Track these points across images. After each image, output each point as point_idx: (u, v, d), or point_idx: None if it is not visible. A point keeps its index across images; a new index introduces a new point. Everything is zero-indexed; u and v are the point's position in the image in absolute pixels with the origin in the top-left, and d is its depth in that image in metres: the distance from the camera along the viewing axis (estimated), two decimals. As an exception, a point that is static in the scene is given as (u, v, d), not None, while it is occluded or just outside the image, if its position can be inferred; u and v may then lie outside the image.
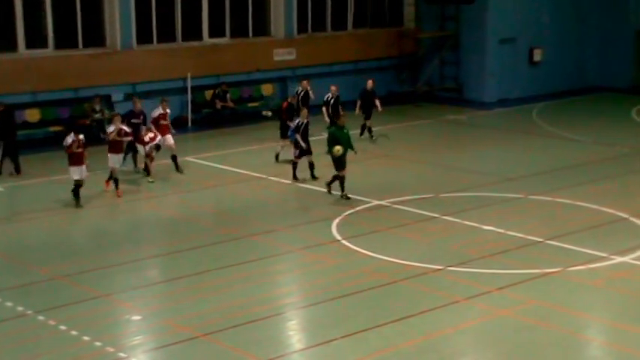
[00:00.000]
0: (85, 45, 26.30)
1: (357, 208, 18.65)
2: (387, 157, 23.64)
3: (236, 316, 13.00)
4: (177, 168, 21.50)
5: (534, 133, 26.71)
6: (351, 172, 19.85)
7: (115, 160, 19.50)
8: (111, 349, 11.99)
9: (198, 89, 28.02)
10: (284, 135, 22.35)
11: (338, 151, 18.90)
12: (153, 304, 13.74)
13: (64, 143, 18.57)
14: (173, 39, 28.12)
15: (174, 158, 21.53)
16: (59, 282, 14.56)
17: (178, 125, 24.62)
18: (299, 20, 30.65)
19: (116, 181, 19.57)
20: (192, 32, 28.47)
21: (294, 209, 18.76)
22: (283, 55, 30.17)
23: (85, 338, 12.28)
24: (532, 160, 22.94)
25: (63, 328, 12.65)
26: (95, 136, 23.43)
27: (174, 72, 27.35)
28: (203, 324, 12.77)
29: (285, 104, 23.06)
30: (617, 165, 22.47)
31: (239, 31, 29.75)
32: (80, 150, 18.48)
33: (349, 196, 19.04)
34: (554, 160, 23.04)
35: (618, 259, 15.34)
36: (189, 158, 22.90)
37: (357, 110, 24.83)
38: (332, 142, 19.14)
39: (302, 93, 24.68)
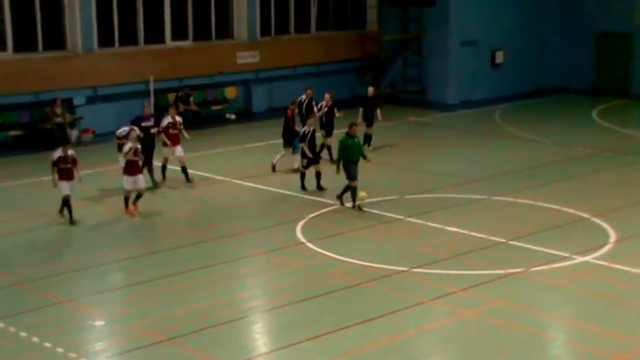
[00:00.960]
0: (45, 48, 26.06)
1: (322, 211, 18.67)
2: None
3: (201, 320, 12.95)
4: (188, 179, 20.70)
5: (497, 134, 26.94)
6: (314, 174, 19.89)
7: (130, 182, 18.15)
8: (73, 355, 11.88)
9: (161, 92, 27.89)
10: (287, 144, 21.79)
11: (364, 198, 18.35)
12: (117, 308, 13.65)
13: (52, 157, 17.63)
14: (135, 42, 27.96)
15: (183, 170, 20.69)
16: (21, 287, 14.40)
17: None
18: (262, 23, 30.63)
19: (137, 197, 18.38)
20: (154, 35, 28.34)
21: (259, 212, 18.74)
22: (246, 57, 30.13)
23: (47, 345, 12.16)
24: (495, 162, 23.14)
25: (24, 334, 12.50)
26: (57, 141, 23.19)
27: (137, 75, 27.21)
28: (167, 328, 12.70)
29: (290, 112, 22.20)
30: (578, 165, 22.75)
31: (202, 34, 29.67)
32: (69, 166, 17.52)
33: (362, 207, 18.50)
34: (516, 161, 23.25)
35: (580, 259, 15.52)
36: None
37: (360, 118, 23.64)
38: (342, 150, 18.48)
39: (306, 101, 23.29)
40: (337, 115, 23.25)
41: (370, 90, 24.33)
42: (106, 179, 21.00)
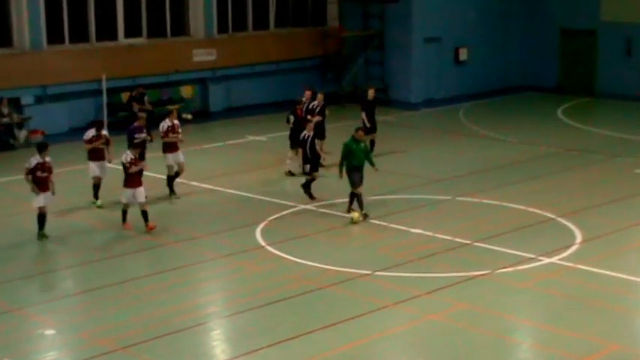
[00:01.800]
0: (-9, 45, 25.78)
1: (282, 213, 18.67)
2: (311, 160, 23.75)
3: (157, 327, 12.88)
4: (172, 190, 19.80)
5: (461, 133, 27.14)
6: (275, 175, 19.90)
7: (128, 195, 17.21)
8: (24, 366, 11.76)
9: (113, 91, 27.67)
10: (294, 145, 21.16)
11: (357, 219, 17.58)
12: (68, 316, 13.52)
13: (27, 165, 16.77)
14: (86, 39, 27.72)
15: (175, 175, 19.91)
16: (-33, 296, 14.21)
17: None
18: (219, 19, 30.55)
19: (144, 215, 17.24)
20: (106, 32, 28.12)
21: (218, 215, 18.68)
22: (203, 55, 30.03)
23: (-5, 355, 12.02)
24: (459, 161, 23.30)
25: (-29, 345, 12.35)
26: (4, 142, 22.93)
27: (88, 74, 26.96)
28: (122, 336, 12.62)
29: (299, 111, 21.78)
30: (544, 165, 22.99)
31: (156, 30, 29.51)
32: (45, 174, 16.75)
33: (368, 214, 18.04)
34: (481, 160, 23.44)
35: (546, 260, 15.69)
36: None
37: (364, 123, 22.79)
38: (346, 155, 17.95)
39: (305, 104, 22.46)
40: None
41: (370, 93, 23.43)
42: (57, 182, 20.74)
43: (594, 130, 27.78)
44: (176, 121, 20.05)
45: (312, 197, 19.36)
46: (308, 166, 19.45)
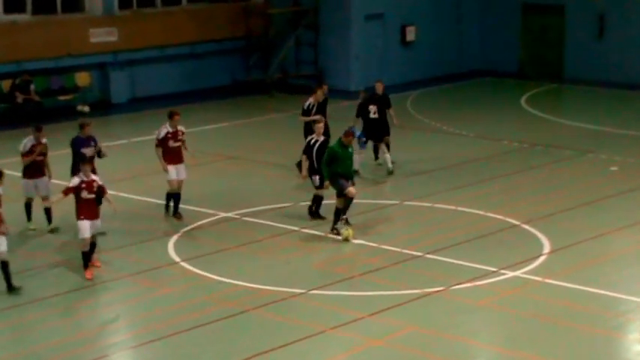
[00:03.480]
0: None
1: (199, 223, 18.61)
2: (233, 160, 23.69)
3: (50, 362, 12.78)
4: (177, 213, 18.96)
5: (409, 126, 27.32)
6: (191, 178, 19.75)
7: (87, 228, 15.81)
8: None
9: (-8, 79, 27.37)
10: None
11: (348, 235, 17.37)
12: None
13: (22, 149, 17.62)
14: (-41, 16, 27.34)
15: (176, 198, 18.98)
16: None
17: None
18: (121, -7, 30.44)
19: (93, 247, 16.09)
20: (-17, 7, 27.76)
21: (123, 226, 18.53)
22: (102, 35, 29.81)
23: None
24: (407, 160, 23.46)
25: None
26: None
27: (-38, 57, 26.64)
28: (8, 373, 12.47)
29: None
30: (506, 163, 23.28)
31: (44, 5, 29.19)
32: (40, 157, 17.64)
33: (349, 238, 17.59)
34: (432, 158, 23.64)
35: (509, 274, 15.89)
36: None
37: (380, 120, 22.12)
38: (330, 161, 17.61)
39: (315, 104, 21.71)
40: (394, 119, 22.60)
41: (379, 86, 22.73)
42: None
43: (563, 121, 28.25)
44: (180, 127, 18.87)
45: (319, 216, 18.73)
46: (317, 178, 18.57)
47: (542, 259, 16.61)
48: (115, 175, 21.97)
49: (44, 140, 18.14)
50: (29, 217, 18.41)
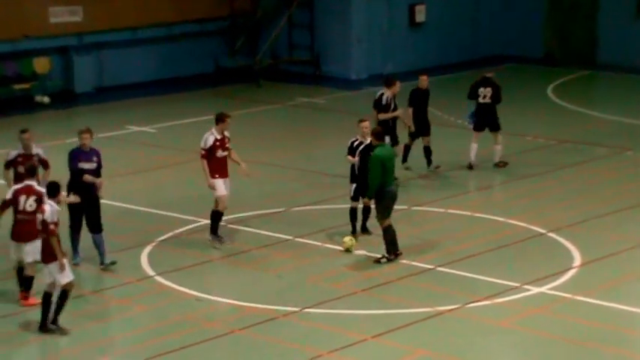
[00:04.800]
0: None
1: (176, 231, 18.60)
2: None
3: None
4: (217, 235, 18.02)
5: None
6: (164, 179, 19.83)
7: (26, 251, 15.15)
8: None
9: None
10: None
11: (350, 246, 17.31)
12: None
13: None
14: None
15: (219, 215, 18.08)
16: None
17: None
18: (86, -34, 30.43)
19: (28, 282, 15.42)
20: None
21: (89, 235, 18.49)
22: (64, 15, 29.79)
23: None
24: (415, 158, 23.44)
25: None
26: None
27: None
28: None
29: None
30: (530, 162, 23.23)
31: (-3, -19, 29.20)
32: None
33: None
34: (445, 157, 23.59)
35: (534, 290, 15.89)
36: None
37: (409, 121, 22.08)
38: (380, 170, 16.90)
39: (390, 97, 21.37)
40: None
41: (423, 80, 22.57)
42: None
43: (596, 114, 28.27)
44: (227, 133, 18.15)
45: (365, 229, 18.34)
46: (354, 187, 18.16)
47: (571, 273, 16.62)
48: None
49: (39, 151, 17.46)
50: None
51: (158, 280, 16.38)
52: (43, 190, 15.05)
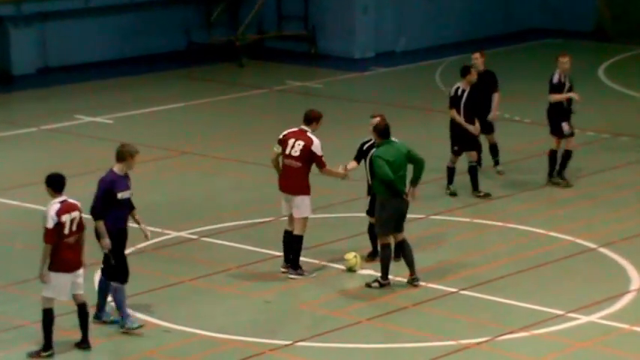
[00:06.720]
0: None
1: (139, 246, 18.59)
2: (189, 156, 23.68)
3: None
4: (297, 265, 17.78)
5: (433, 108, 27.30)
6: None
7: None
8: None
9: None
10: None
11: (353, 265, 17.53)
12: None
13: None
14: None
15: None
16: None
17: None
18: None
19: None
20: None
21: (29, 252, 18.48)
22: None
23: None
24: (436, 155, 23.45)
25: None
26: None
27: None
28: None
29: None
30: (576, 160, 23.21)
31: None
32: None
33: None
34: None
35: (582, 319, 15.91)
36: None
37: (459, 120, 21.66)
38: (382, 167, 16.86)
39: (467, 92, 21.48)
40: (495, 111, 22.47)
41: (479, 59, 22.31)
42: None
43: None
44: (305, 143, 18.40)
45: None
46: (369, 200, 18.04)
47: (628, 297, 16.66)
48: (17, 179, 21.98)
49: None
50: None
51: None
52: None
